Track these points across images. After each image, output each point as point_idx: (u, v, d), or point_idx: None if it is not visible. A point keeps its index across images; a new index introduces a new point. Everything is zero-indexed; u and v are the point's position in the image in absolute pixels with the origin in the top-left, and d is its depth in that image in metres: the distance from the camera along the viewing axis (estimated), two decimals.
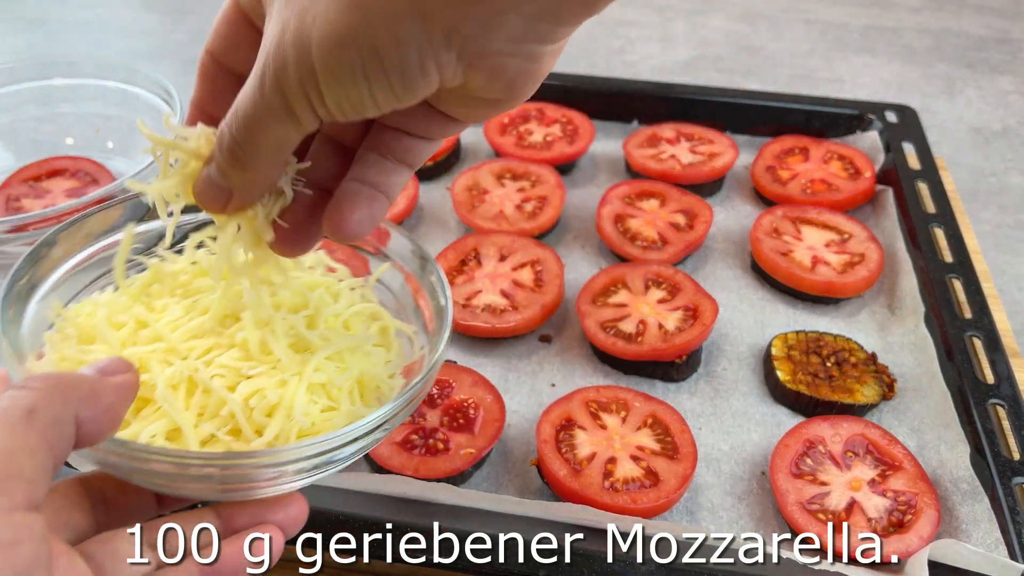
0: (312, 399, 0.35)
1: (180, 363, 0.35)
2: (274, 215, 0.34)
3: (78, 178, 0.78)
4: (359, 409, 0.36)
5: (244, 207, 0.33)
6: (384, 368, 0.39)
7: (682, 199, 0.71)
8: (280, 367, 0.36)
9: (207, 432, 0.34)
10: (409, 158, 0.34)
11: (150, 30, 1.13)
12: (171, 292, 0.39)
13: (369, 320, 0.41)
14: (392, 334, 0.42)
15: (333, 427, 0.35)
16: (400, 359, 0.41)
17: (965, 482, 0.49)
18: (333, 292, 0.41)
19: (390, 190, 0.34)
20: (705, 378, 0.59)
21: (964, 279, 0.60)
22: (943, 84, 1.03)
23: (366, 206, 0.33)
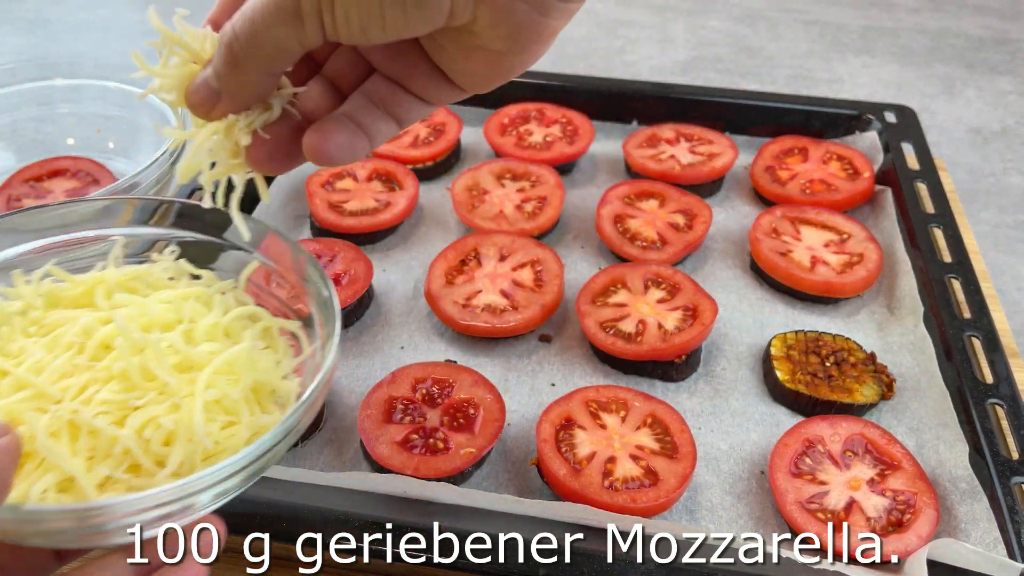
0: (210, 417, 0.34)
1: (56, 408, 0.32)
2: (256, 125, 0.34)
3: (79, 178, 0.78)
4: (261, 418, 0.35)
5: (230, 111, 0.33)
6: (276, 370, 0.38)
7: (681, 199, 0.72)
8: (168, 391, 0.34)
9: (103, 475, 0.32)
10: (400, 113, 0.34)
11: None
12: (24, 332, 0.37)
13: (249, 323, 0.40)
14: (276, 333, 0.40)
15: (238, 442, 0.34)
16: (290, 358, 0.39)
17: (964, 481, 0.49)
18: (205, 300, 0.39)
19: (374, 136, 0.33)
20: (704, 378, 0.59)
21: (963, 279, 0.60)
22: (942, 84, 1.04)
23: (349, 136, 0.32)
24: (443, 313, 0.60)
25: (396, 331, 0.62)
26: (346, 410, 0.56)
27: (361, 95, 0.34)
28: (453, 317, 0.60)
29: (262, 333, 0.39)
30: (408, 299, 0.65)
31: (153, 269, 0.41)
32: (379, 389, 0.54)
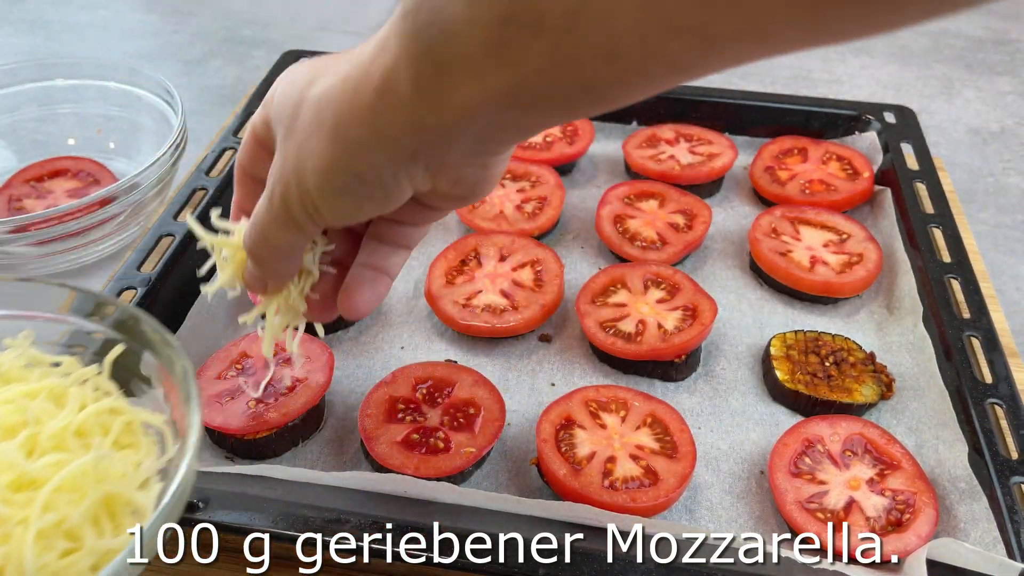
0: (47, 546, 0.30)
1: None
2: (306, 291, 0.41)
3: (80, 178, 0.78)
4: (107, 543, 0.32)
5: (278, 291, 0.41)
6: (136, 475, 0.35)
7: (681, 199, 0.72)
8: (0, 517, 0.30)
9: None
10: (404, 241, 0.43)
11: (151, 31, 1.13)
12: None
13: (109, 418, 0.36)
14: (139, 428, 0.37)
15: (78, 573, 0.31)
16: (154, 456, 0.36)
17: (963, 481, 0.49)
18: (58, 395, 0.36)
19: (390, 270, 0.42)
20: (704, 377, 0.59)
21: (962, 279, 0.60)
22: (941, 85, 1.04)
23: (369, 288, 0.41)
24: (443, 313, 0.60)
25: (396, 331, 0.62)
26: (346, 410, 0.56)
27: (370, 239, 0.42)
28: (453, 317, 0.60)
29: (124, 429, 0.36)
30: (408, 299, 0.65)
31: (3, 358, 0.37)
32: (379, 389, 0.54)
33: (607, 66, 0.25)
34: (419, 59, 0.28)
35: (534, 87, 0.27)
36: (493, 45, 0.26)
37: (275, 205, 0.35)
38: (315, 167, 0.33)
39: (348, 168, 0.32)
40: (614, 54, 0.24)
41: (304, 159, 0.33)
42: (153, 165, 0.67)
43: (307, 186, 0.34)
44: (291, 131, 0.34)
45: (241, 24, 1.14)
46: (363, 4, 1.16)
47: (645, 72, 0.25)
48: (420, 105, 0.29)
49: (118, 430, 0.36)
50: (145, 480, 0.35)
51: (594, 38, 0.24)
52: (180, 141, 0.71)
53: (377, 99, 0.30)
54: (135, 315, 0.39)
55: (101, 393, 0.38)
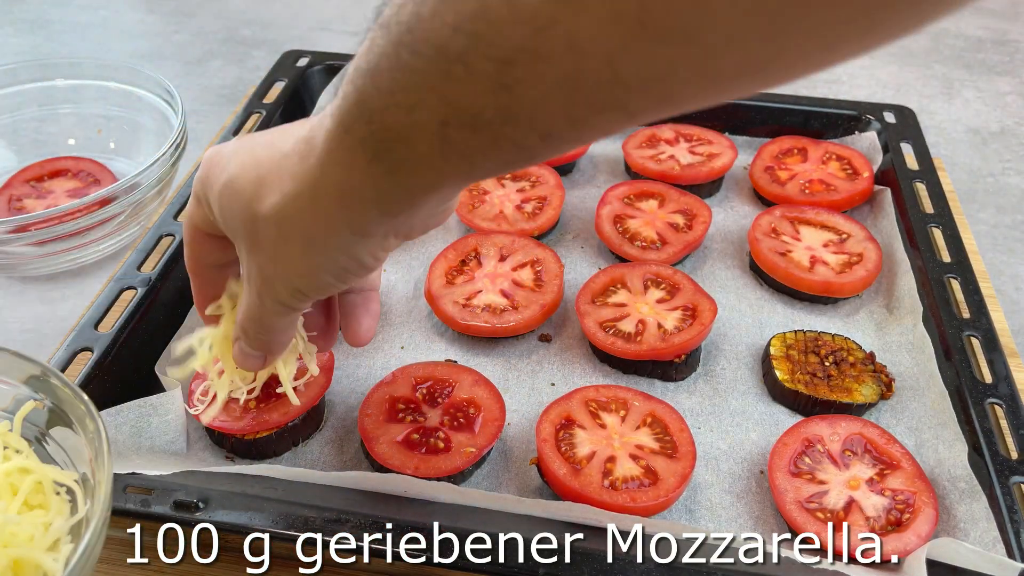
0: None
1: None
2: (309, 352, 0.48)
3: (80, 178, 0.79)
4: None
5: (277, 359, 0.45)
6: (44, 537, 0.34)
7: (681, 199, 0.72)
8: None
9: None
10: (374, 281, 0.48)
11: (152, 31, 1.13)
12: None
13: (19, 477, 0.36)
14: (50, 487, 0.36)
15: None
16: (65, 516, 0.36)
17: (963, 481, 0.49)
18: None
19: (373, 284, 0.47)
20: (704, 377, 0.59)
21: (962, 279, 0.60)
22: (941, 85, 1.04)
23: (364, 312, 0.46)
24: (443, 313, 0.60)
25: (396, 331, 0.62)
26: (346, 410, 0.56)
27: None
28: (453, 317, 0.60)
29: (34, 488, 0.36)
30: (408, 299, 0.65)
31: None
32: (379, 389, 0.54)
33: (543, 142, 0.28)
34: (372, 167, 0.31)
35: (482, 168, 0.30)
36: (437, 144, 0.28)
37: (266, 302, 0.39)
38: (298, 272, 0.37)
39: (330, 267, 0.36)
40: (548, 134, 0.27)
41: (283, 269, 0.37)
42: (153, 165, 0.67)
43: (295, 285, 0.38)
44: (255, 246, 0.37)
45: (241, 24, 1.14)
46: (363, 4, 1.16)
47: (578, 140, 0.28)
48: (384, 202, 0.32)
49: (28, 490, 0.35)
50: (55, 541, 0.35)
51: (528, 126, 0.27)
52: (180, 141, 0.71)
53: (342, 208, 0.33)
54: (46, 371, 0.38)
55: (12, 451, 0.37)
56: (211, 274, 0.44)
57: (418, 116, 0.28)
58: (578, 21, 0.23)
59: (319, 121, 0.33)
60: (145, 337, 0.56)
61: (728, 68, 0.23)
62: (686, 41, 0.22)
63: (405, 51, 0.27)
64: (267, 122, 0.74)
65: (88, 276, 0.71)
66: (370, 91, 0.29)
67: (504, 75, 0.25)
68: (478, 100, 0.26)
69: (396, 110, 0.28)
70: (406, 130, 0.28)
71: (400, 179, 0.31)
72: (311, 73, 0.81)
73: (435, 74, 0.26)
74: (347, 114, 0.30)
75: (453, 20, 0.25)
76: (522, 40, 0.24)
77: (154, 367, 0.56)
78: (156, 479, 0.45)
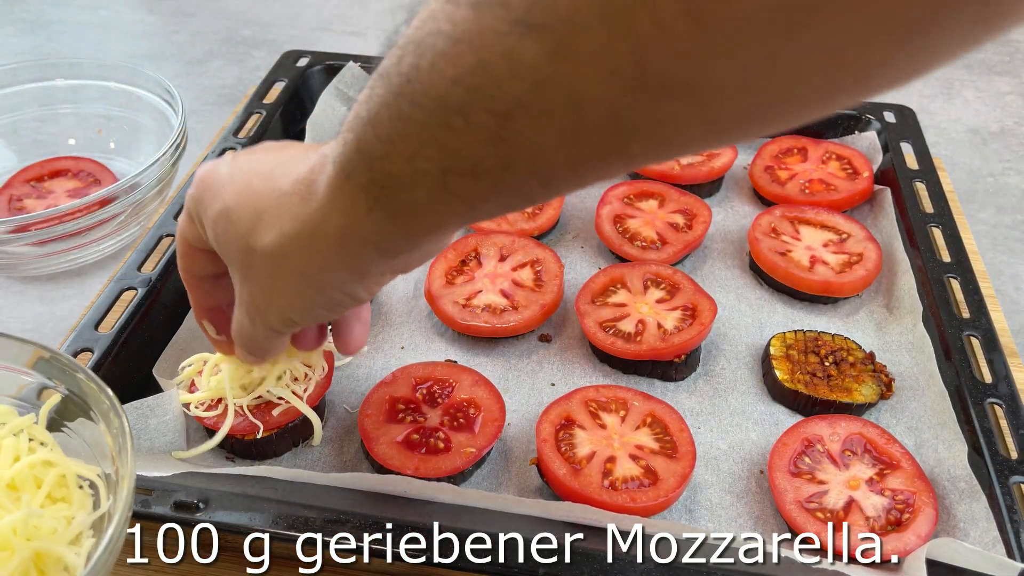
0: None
1: None
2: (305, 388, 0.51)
3: (80, 178, 0.79)
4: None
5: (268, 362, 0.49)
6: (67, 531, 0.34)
7: (681, 199, 0.72)
8: None
9: None
10: None
11: (152, 32, 1.13)
12: None
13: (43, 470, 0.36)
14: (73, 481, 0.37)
15: None
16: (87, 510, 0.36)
17: (963, 481, 0.49)
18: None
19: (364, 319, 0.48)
20: (704, 377, 0.59)
21: (962, 279, 0.60)
22: (941, 85, 1.03)
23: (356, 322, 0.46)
24: (443, 313, 0.60)
25: (396, 331, 0.62)
26: (346, 410, 0.56)
27: None
28: (453, 317, 0.60)
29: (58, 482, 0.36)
30: (408, 299, 0.65)
31: None
32: (379, 389, 0.54)
33: (543, 187, 0.28)
34: (374, 212, 0.32)
35: (482, 209, 0.31)
36: (439, 190, 0.29)
37: (257, 327, 0.40)
38: (291, 305, 0.38)
39: (324, 301, 0.38)
40: (548, 181, 0.28)
41: (276, 300, 0.38)
42: (153, 165, 0.67)
43: (287, 315, 0.39)
44: (249, 276, 0.38)
45: (241, 24, 1.14)
46: (363, 4, 1.16)
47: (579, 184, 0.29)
48: (383, 244, 0.33)
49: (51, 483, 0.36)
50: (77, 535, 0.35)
51: (529, 173, 0.27)
52: (180, 141, 0.71)
53: (341, 250, 0.34)
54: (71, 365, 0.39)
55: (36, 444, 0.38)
56: (206, 285, 0.45)
57: (419, 164, 0.28)
58: (576, 77, 0.23)
59: (320, 163, 0.34)
60: (145, 338, 0.56)
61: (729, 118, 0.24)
62: (686, 95, 0.22)
63: (405, 102, 0.27)
64: (267, 122, 0.74)
65: (88, 276, 0.71)
66: (371, 139, 0.29)
67: (503, 128, 0.25)
68: (478, 150, 0.26)
69: (397, 158, 0.29)
70: (407, 177, 0.29)
71: (401, 223, 0.32)
72: (311, 73, 0.81)
73: (435, 125, 0.27)
74: (348, 161, 0.31)
75: (452, 73, 0.25)
76: (521, 95, 0.24)
77: (153, 368, 0.56)
78: (156, 480, 0.45)
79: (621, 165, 0.27)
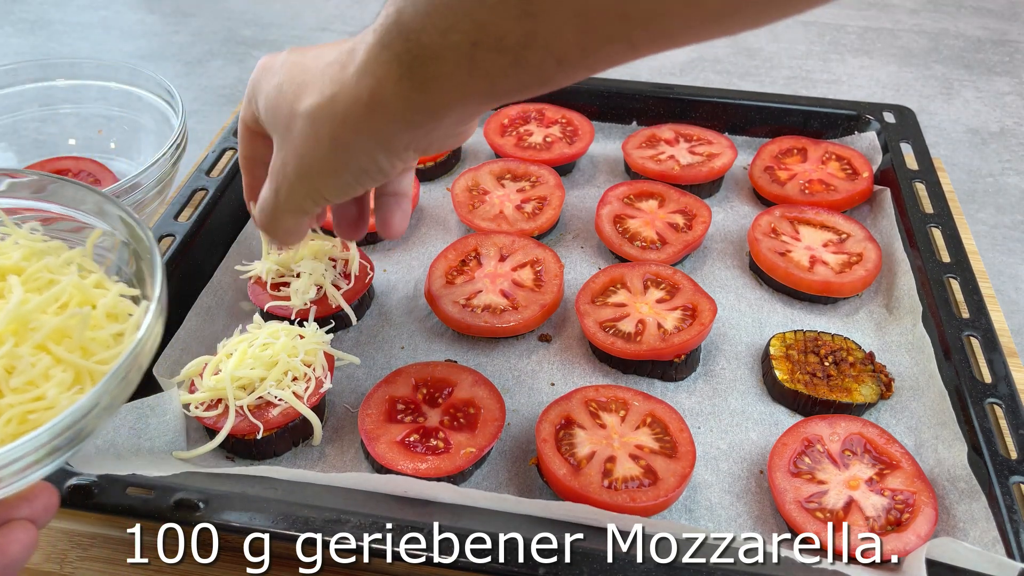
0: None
1: None
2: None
3: (80, 178, 0.79)
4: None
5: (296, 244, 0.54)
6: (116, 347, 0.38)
7: (681, 199, 0.72)
8: None
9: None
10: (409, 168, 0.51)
11: (152, 32, 1.13)
12: None
13: (96, 293, 0.40)
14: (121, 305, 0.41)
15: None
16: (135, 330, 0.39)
17: (963, 481, 0.50)
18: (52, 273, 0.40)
19: (406, 190, 0.50)
20: (704, 377, 0.59)
21: (962, 279, 0.61)
22: (940, 85, 1.04)
23: (398, 209, 0.50)
24: (443, 313, 0.61)
25: (396, 331, 0.62)
26: (346, 410, 0.56)
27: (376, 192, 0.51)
28: (453, 317, 0.60)
29: (113, 303, 0.40)
30: (408, 299, 0.65)
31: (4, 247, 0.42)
32: (379, 389, 0.54)
33: (558, 68, 0.32)
34: (404, 80, 0.34)
35: (502, 88, 0.33)
36: (465, 63, 0.32)
37: (281, 198, 0.43)
38: (320, 170, 0.40)
39: (352, 166, 0.40)
40: (562, 60, 0.31)
41: (308, 165, 0.40)
42: (154, 165, 0.67)
43: (314, 185, 0.41)
44: (287, 139, 0.41)
45: (241, 24, 1.14)
46: (363, 4, 1.16)
47: (588, 68, 0.32)
48: (408, 113, 0.36)
49: (108, 303, 0.40)
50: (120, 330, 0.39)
51: (545, 51, 0.31)
52: (180, 141, 0.71)
53: (369, 115, 0.37)
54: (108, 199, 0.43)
55: (86, 272, 0.42)
56: (259, 171, 0.48)
57: (451, 37, 0.31)
58: None
59: (362, 36, 0.37)
60: None
61: (713, 6, 0.28)
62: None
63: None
64: None
65: None
66: (409, 13, 0.33)
67: (529, 4, 0.29)
68: (504, 25, 0.30)
69: (432, 31, 0.32)
70: (439, 49, 0.32)
71: (427, 94, 0.34)
72: None
73: (470, 0, 0.30)
74: (387, 32, 0.34)
75: None
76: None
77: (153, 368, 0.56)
78: (156, 479, 0.45)
79: (625, 51, 0.30)
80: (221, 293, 0.63)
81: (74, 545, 0.48)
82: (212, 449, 0.51)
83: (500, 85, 0.33)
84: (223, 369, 0.51)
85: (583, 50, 0.30)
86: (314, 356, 0.53)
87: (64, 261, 0.42)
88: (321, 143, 0.39)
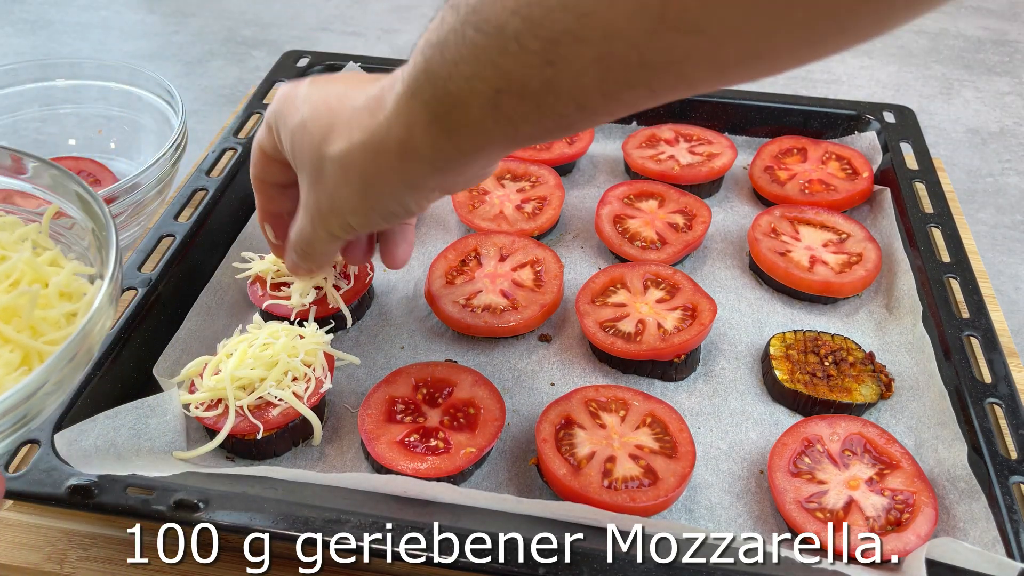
0: None
1: None
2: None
3: (80, 178, 0.78)
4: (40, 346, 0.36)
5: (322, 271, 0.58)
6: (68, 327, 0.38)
7: (681, 199, 0.72)
8: None
9: None
10: None
11: (152, 32, 1.13)
12: None
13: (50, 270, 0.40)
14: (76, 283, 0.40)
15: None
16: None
17: (963, 481, 0.50)
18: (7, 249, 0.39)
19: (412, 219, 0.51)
20: (703, 377, 0.59)
21: (961, 279, 0.61)
22: (940, 85, 1.04)
23: (402, 239, 0.52)
24: (443, 313, 0.61)
25: (396, 331, 0.62)
26: (346, 410, 0.56)
27: None
28: (453, 317, 0.60)
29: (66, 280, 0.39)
30: (408, 299, 0.65)
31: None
32: (379, 389, 0.54)
33: (579, 113, 0.33)
34: (432, 127, 0.36)
35: (525, 132, 0.35)
36: (490, 109, 0.33)
37: (318, 230, 0.45)
38: (352, 210, 0.42)
39: (381, 209, 0.42)
40: (583, 106, 0.32)
41: (339, 205, 0.43)
42: (154, 165, 0.67)
43: (347, 221, 0.43)
44: (318, 182, 0.43)
45: (241, 24, 1.14)
46: (363, 4, 1.16)
47: (609, 113, 0.33)
48: (437, 160, 0.38)
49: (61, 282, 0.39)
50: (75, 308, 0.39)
51: (567, 97, 0.32)
52: (180, 141, 0.71)
53: (399, 162, 0.39)
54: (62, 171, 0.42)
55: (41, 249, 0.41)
56: (273, 192, 0.50)
57: (475, 84, 0.33)
58: (611, 11, 0.28)
59: (390, 83, 0.38)
60: (145, 338, 0.56)
61: (731, 56, 0.28)
62: (696, 32, 0.27)
63: (470, 29, 0.32)
64: None
65: None
66: (437, 61, 0.34)
67: (550, 52, 0.30)
68: (527, 72, 0.31)
69: (458, 78, 0.33)
70: (465, 95, 0.34)
71: (454, 140, 0.36)
72: (311, 73, 0.81)
73: (494, 49, 0.31)
74: (415, 80, 0.35)
75: (512, 5, 0.30)
76: (566, 24, 0.29)
77: (153, 368, 0.56)
78: (156, 479, 0.45)
79: (645, 96, 0.31)
80: (221, 293, 0.63)
81: (74, 545, 0.48)
82: (212, 449, 0.51)
83: (523, 130, 0.34)
84: (223, 369, 0.51)
85: (604, 96, 0.31)
86: (314, 356, 0.53)
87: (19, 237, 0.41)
88: (352, 187, 0.41)
